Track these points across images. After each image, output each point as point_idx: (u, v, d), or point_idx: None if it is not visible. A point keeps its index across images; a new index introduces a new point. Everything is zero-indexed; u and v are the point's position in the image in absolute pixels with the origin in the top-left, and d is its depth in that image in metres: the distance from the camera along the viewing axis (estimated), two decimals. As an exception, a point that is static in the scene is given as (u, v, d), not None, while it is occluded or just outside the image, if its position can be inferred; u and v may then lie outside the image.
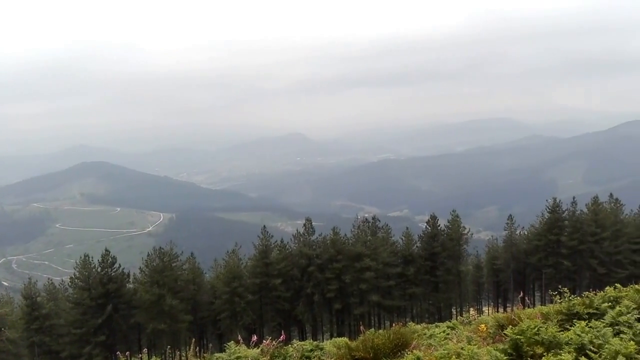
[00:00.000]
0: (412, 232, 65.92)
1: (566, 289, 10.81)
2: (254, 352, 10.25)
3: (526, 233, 71.32)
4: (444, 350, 8.53)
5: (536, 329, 8.20)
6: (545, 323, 8.76)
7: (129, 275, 54.76)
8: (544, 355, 7.64)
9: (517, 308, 12.36)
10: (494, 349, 8.11)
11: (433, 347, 10.18)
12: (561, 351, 7.61)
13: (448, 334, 14.34)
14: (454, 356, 8.12)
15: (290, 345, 12.81)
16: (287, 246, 59.55)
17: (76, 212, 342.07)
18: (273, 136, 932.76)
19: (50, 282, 59.66)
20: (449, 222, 65.01)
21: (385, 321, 64.20)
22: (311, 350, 12.97)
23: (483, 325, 11.42)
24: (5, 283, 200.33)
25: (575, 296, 10.61)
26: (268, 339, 10.50)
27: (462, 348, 8.32)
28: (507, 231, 70.68)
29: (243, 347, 10.19)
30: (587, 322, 8.63)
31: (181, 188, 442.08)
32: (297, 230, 61.71)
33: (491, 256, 75.79)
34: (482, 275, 77.87)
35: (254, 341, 10.82)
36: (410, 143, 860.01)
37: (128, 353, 14.01)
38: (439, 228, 63.76)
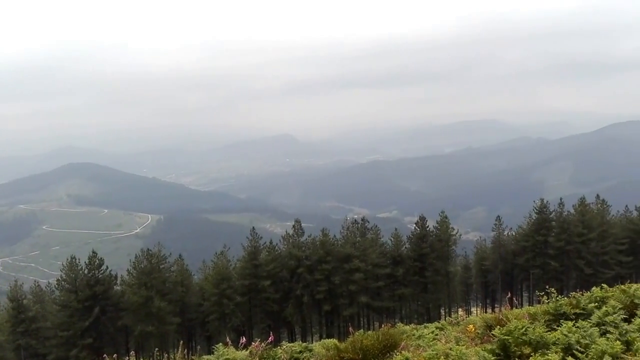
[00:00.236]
0: (401, 233, 66.11)
1: (553, 290, 10.87)
2: (243, 354, 10.20)
3: (514, 234, 71.85)
4: (433, 350, 8.54)
5: (524, 330, 8.24)
6: (532, 323, 8.81)
7: (117, 277, 54.38)
8: (532, 355, 7.68)
9: (505, 308, 12.42)
10: (482, 350, 8.13)
11: (422, 348, 10.19)
12: (548, 351, 7.65)
13: (437, 335, 14.37)
14: (443, 357, 8.14)
15: (279, 346, 12.78)
16: (276, 247, 59.51)
17: (63, 214, 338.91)
18: (262, 137, 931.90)
19: (36, 285, 59.09)
20: (438, 223, 65.28)
21: (374, 322, 64.31)
22: (300, 351, 12.94)
23: (471, 325, 11.45)
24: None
25: (562, 296, 10.66)
26: (257, 341, 10.45)
27: (451, 348, 8.33)
28: (495, 232, 71.21)
29: (231, 349, 10.13)
30: (574, 323, 8.68)
31: (169, 189, 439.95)
32: (287, 231, 61.70)
33: (479, 257, 76.33)
34: (471, 276, 78.40)
35: (243, 343, 10.77)
36: (399, 144, 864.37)
37: (115, 356, 13.91)
38: (428, 229, 64.01)
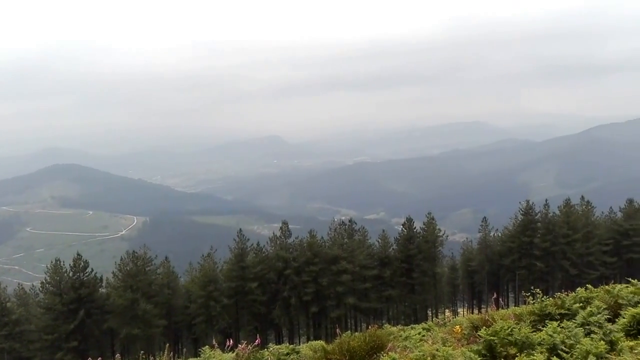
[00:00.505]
0: (389, 235, 66.30)
1: (539, 290, 10.96)
2: (229, 357, 10.16)
3: (500, 235, 72.32)
4: (420, 351, 8.56)
5: (509, 330, 8.30)
6: (518, 324, 8.86)
7: (102, 279, 53.83)
8: (517, 355, 7.73)
9: (491, 309, 12.51)
10: (469, 350, 8.17)
11: (409, 349, 10.22)
12: (534, 351, 7.71)
13: (423, 336, 14.41)
14: (429, 357, 8.16)
15: (266, 349, 12.72)
16: (264, 249, 59.32)
17: (47, 216, 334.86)
18: (250, 138, 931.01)
19: (20, 287, 58.44)
20: (425, 225, 65.50)
21: (361, 324, 64.35)
22: (287, 354, 12.88)
23: (458, 326, 11.52)
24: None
25: (547, 297, 10.75)
26: (243, 343, 10.40)
27: (437, 349, 8.36)
28: (482, 233, 71.65)
29: (218, 352, 10.09)
30: (559, 323, 8.76)
31: (155, 191, 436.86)
32: (274, 233, 61.49)
33: (466, 258, 76.77)
34: (457, 276, 78.81)
35: (230, 345, 10.72)
36: (386, 146, 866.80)
37: (100, 359, 13.78)
38: (415, 230, 64.24)
